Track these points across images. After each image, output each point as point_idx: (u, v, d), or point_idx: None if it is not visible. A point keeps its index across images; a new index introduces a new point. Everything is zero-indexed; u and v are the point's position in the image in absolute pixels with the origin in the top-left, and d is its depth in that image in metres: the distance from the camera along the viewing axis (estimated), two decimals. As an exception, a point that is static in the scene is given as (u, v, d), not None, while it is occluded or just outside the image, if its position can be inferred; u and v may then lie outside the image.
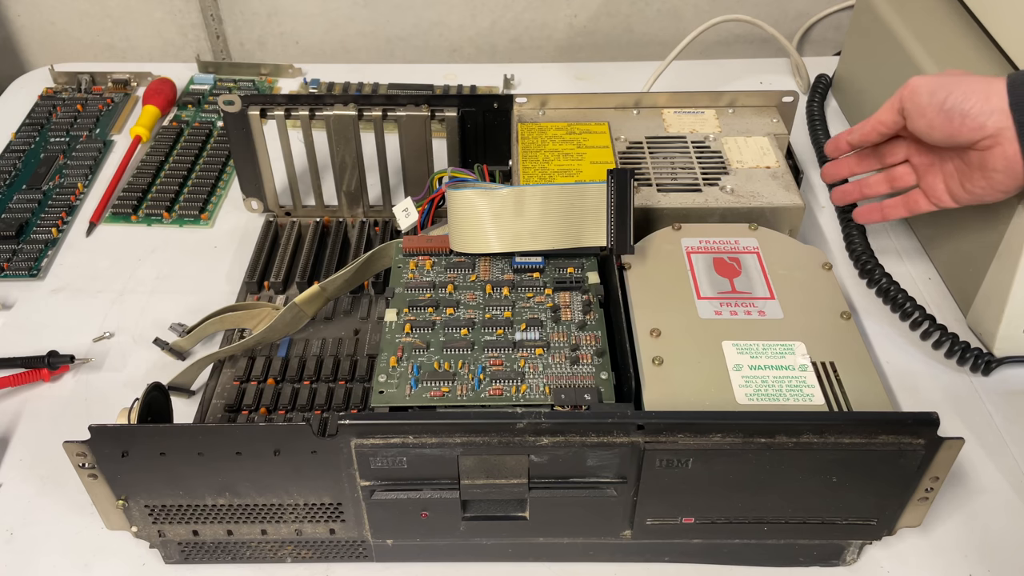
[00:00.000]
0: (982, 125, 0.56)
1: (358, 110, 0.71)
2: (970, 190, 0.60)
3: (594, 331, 0.55)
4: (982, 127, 0.56)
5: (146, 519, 0.50)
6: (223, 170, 0.84)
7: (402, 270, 0.60)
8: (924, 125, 0.59)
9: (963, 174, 0.60)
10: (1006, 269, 0.62)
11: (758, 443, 0.46)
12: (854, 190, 0.69)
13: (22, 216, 0.79)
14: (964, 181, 0.60)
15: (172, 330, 0.67)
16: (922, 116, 0.59)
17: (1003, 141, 0.56)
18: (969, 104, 0.56)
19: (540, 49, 1.09)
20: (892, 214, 0.67)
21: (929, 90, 0.58)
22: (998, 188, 0.58)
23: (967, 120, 0.56)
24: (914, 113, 0.60)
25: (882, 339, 0.68)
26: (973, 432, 0.61)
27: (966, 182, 0.60)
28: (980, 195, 0.60)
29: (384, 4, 1.04)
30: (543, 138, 0.71)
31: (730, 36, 1.07)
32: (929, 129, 0.59)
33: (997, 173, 0.57)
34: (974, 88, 0.57)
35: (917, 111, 0.59)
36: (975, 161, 0.58)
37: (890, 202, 0.67)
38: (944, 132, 0.58)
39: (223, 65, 0.99)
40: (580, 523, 0.51)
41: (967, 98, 0.56)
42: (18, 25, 1.06)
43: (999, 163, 0.57)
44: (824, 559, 0.54)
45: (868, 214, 0.69)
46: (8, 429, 0.61)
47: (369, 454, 0.47)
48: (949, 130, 0.58)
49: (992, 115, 0.56)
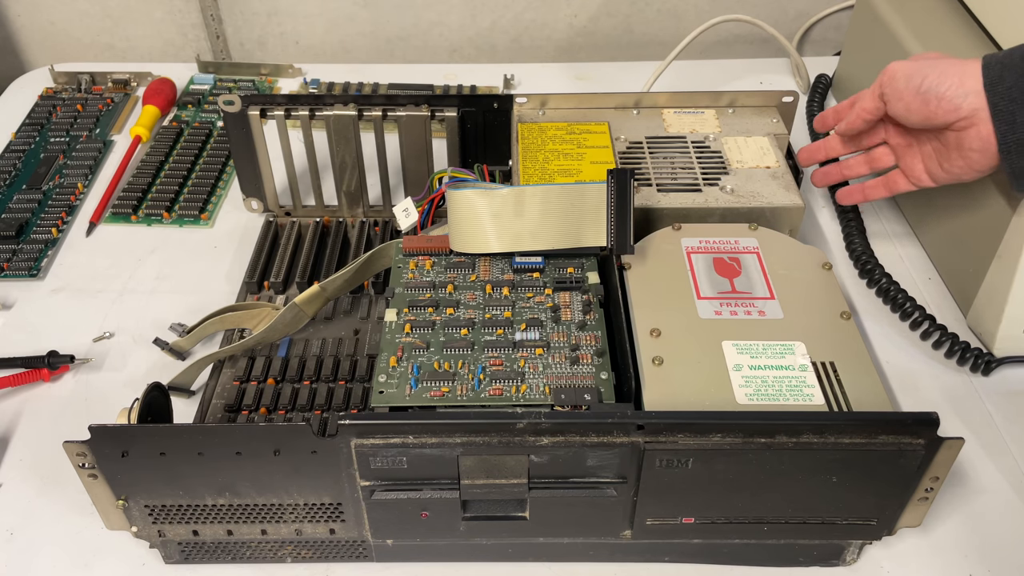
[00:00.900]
0: (957, 107, 0.57)
1: (358, 110, 0.71)
2: (948, 169, 0.62)
3: (594, 331, 0.55)
4: (957, 108, 0.58)
5: (146, 519, 0.50)
6: (223, 170, 0.84)
7: (402, 270, 0.60)
8: (902, 108, 0.61)
9: (941, 154, 0.62)
10: (1006, 269, 0.62)
11: (758, 443, 0.46)
12: (835, 172, 0.71)
13: (22, 216, 0.79)
14: (942, 161, 0.62)
15: (172, 330, 0.67)
16: (900, 100, 0.61)
17: (978, 122, 0.57)
18: (944, 87, 0.58)
19: (540, 49, 1.09)
20: (873, 194, 0.69)
21: (906, 74, 0.60)
22: (974, 167, 0.60)
23: (943, 102, 0.58)
24: (892, 97, 0.61)
25: (882, 339, 0.68)
26: (973, 432, 0.61)
27: (944, 162, 0.62)
28: (958, 174, 0.61)
29: (384, 4, 1.04)
30: (543, 138, 0.71)
31: (730, 36, 1.07)
32: (907, 112, 0.61)
33: (973, 152, 0.59)
34: (949, 71, 0.58)
35: (895, 95, 0.61)
36: (952, 142, 0.60)
37: (871, 183, 0.69)
38: (921, 114, 0.60)
39: (223, 65, 0.99)
40: (580, 523, 0.51)
41: (942, 81, 0.58)
42: (18, 25, 1.06)
43: (975, 143, 0.58)
44: (824, 559, 0.54)
45: (850, 195, 0.71)
46: (8, 429, 0.62)
47: (369, 454, 0.47)
48: (926, 112, 0.59)
49: (967, 96, 0.57)
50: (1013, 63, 0.56)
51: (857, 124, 0.66)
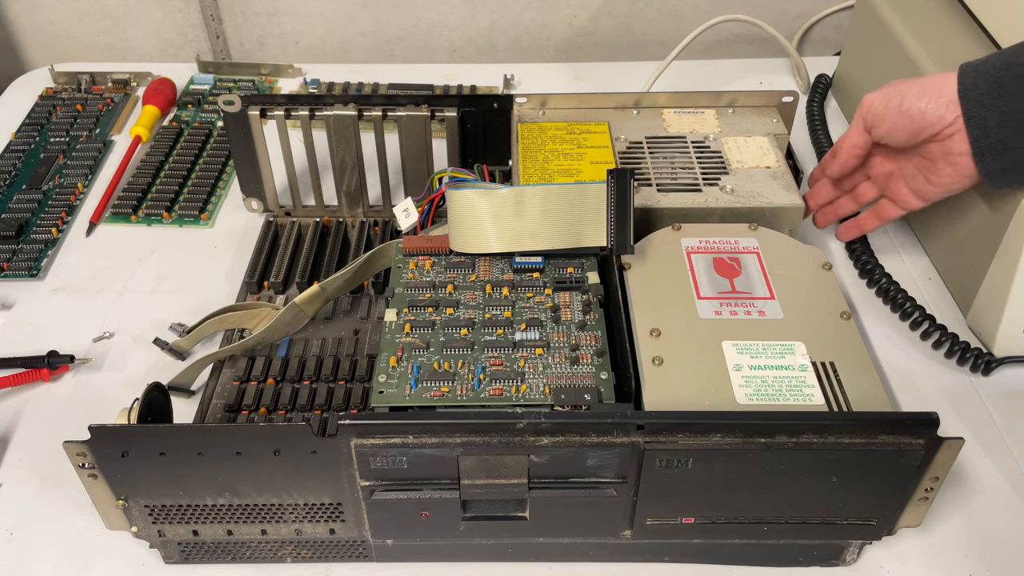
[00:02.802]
0: (942, 116, 0.59)
1: (358, 110, 0.71)
2: (937, 182, 0.63)
3: (594, 331, 0.55)
4: (942, 118, 0.59)
5: (146, 519, 0.50)
6: (223, 170, 0.84)
7: (402, 270, 0.60)
8: (886, 130, 0.62)
9: (926, 170, 0.63)
10: (1006, 269, 0.62)
11: (758, 443, 0.46)
12: (831, 213, 0.73)
13: (22, 216, 0.79)
14: (929, 176, 0.63)
15: (172, 330, 0.67)
16: (883, 123, 0.62)
17: (963, 126, 0.59)
18: (924, 102, 0.60)
19: (540, 49, 1.09)
20: (867, 226, 0.71)
21: (883, 99, 0.62)
22: (964, 173, 0.61)
23: (927, 115, 0.60)
24: (875, 122, 0.63)
25: (882, 339, 0.68)
26: (973, 432, 0.61)
27: (931, 176, 0.63)
28: (948, 184, 0.62)
29: (384, 4, 1.04)
30: (543, 138, 0.71)
31: (730, 36, 1.07)
32: (892, 132, 0.62)
33: (962, 157, 0.60)
34: (926, 87, 0.60)
35: (877, 120, 0.63)
36: (937, 152, 0.61)
37: (863, 216, 0.71)
38: (908, 131, 0.61)
39: (223, 65, 0.99)
40: (580, 523, 0.51)
41: (921, 97, 0.60)
42: (18, 25, 1.06)
43: (963, 147, 0.60)
44: (824, 559, 0.54)
45: (847, 231, 0.73)
46: (8, 429, 0.62)
47: (369, 454, 0.47)
48: (912, 128, 0.61)
49: (949, 105, 0.59)
50: (986, 70, 0.58)
51: (850, 162, 0.67)
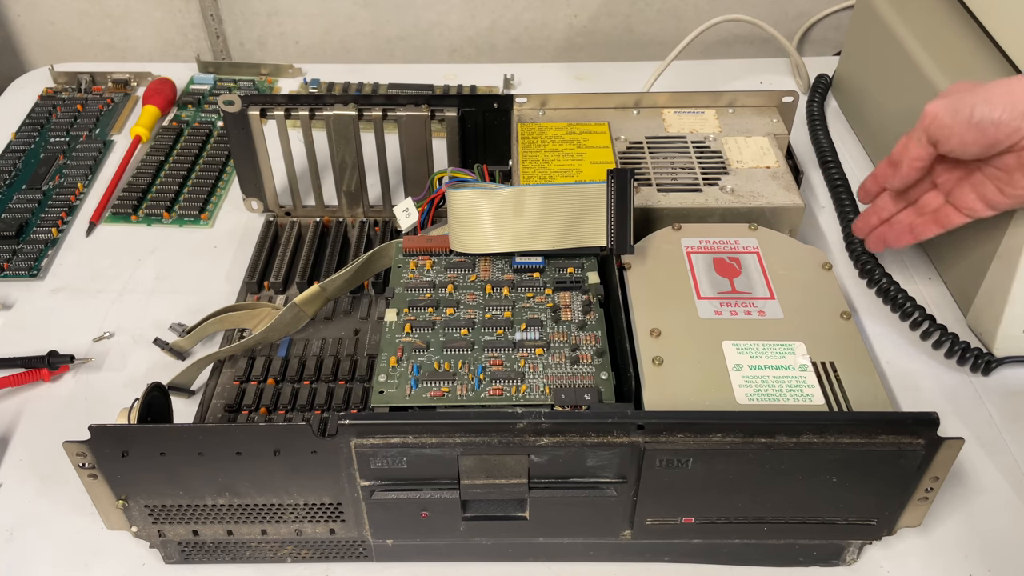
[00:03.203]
0: (1018, 128, 0.55)
1: (358, 110, 0.71)
2: (1011, 193, 0.59)
3: (594, 331, 0.55)
4: (1018, 130, 0.55)
5: (146, 519, 0.50)
6: (223, 170, 0.84)
7: (402, 270, 0.60)
8: (957, 144, 0.58)
9: (1000, 180, 0.59)
10: (1006, 269, 0.62)
11: (758, 443, 0.46)
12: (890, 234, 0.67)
13: (22, 216, 0.79)
14: (1003, 187, 0.59)
15: (172, 330, 0.67)
16: (952, 136, 0.58)
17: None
18: (997, 112, 0.56)
19: (540, 49, 1.08)
20: (924, 233, 0.65)
21: (950, 110, 0.57)
22: None
23: (1001, 127, 0.56)
24: (943, 136, 0.58)
25: (882, 339, 0.68)
26: (973, 432, 0.61)
27: (1006, 187, 0.59)
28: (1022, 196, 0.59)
29: (384, 4, 1.04)
30: (543, 138, 0.71)
31: (730, 36, 1.07)
32: (963, 146, 0.58)
33: None
34: (995, 95, 0.56)
35: (945, 133, 0.58)
36: (1014, 164, 0.57)
37: (920, 222, 0.65)
38: (980, 145, 0.57)
39: (223, 65, 0.99)
40: (580, 523, 0.51)
41: (992, 107, 0.56)
42: (18, 25, 1.06)
43: None
44: (824, 559, 0.54)
45: (899, 237, 0.66)
46: (8, 429, 0.61)
47: (369, 454, 0.47)
48: (984, 142, 0.57)
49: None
50: None
51: (912, 175, 0.62)
